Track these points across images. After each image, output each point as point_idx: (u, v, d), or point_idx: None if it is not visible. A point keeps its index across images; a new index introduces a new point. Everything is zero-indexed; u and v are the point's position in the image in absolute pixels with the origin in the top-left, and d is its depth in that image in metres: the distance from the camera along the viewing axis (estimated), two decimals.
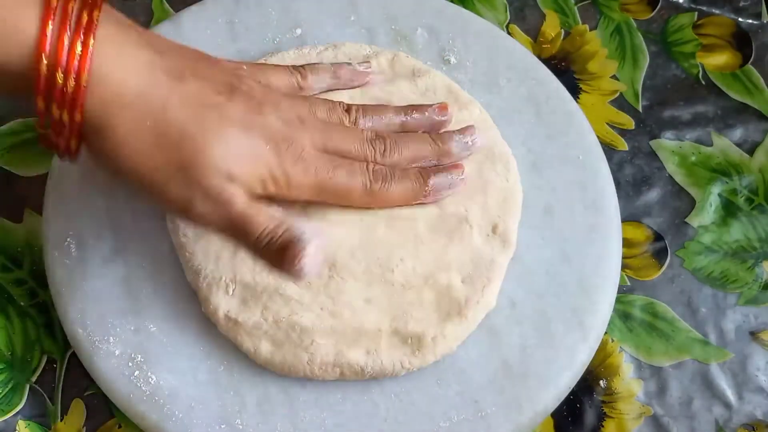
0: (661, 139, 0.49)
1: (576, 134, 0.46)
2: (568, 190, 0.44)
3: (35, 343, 0.43)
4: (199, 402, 0.39)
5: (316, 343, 0.39)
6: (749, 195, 0.47)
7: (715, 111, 0.50)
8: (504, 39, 0.49)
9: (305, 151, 0.37)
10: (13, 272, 0.44)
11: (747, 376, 0.43)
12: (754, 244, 0.46)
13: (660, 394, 0.42)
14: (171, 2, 0.52)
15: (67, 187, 0.44)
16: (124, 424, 0.41)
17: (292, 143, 0.37)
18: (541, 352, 0.40)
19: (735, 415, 0.42)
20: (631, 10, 0.53)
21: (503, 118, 0.45)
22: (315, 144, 0.38)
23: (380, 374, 0.39)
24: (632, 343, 0.43)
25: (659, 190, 0.47)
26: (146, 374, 0.39)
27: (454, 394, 0.39)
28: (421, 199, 0.41)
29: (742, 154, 0.48)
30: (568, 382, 0.40)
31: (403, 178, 0.40)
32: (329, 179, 0.38)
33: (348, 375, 0.39)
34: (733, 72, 0.51)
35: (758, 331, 0.44)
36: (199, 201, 0.35)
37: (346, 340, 0.39)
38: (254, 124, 0.36)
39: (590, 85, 0.50)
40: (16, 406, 0.41)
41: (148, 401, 0.39)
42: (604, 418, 0.42)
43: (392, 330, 0.39)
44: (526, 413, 0.39)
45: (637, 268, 0.45)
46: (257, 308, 0.39)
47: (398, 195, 0.40)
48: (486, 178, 0.43)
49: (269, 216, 0.36)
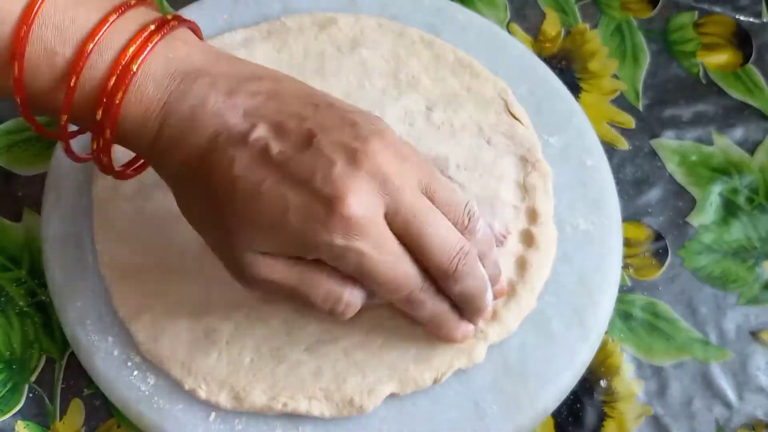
0: (662, 138, 0.49)
1: (576, 133, 0.46)
2: (569, 190, 0.44)
3: (34, 342, 0.43)
4: (199, 402, 0.39)
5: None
6: (750, 194, 0.47)
7: (715, 110, 0.50)
8: (504, 38, 0.49)
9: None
10: (11, 271, 0.44)
11: (747, 376, 0.43)
12: (755, 244, 0.46)
13: (660, 394, 0.42)
14: (170, 1, 0.52)
15: (66, 186, 0.43)
16: (124, 424, 0.41)
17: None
18: (541, 351, 0.40)
19: (735, 414, 0.42)
20: (631, 9, 0.53)
21: None
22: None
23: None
24: (633, 342, 0.43)
25: (660, 189, 0.47)
26: (145, 374, 0.39)
27: (453, 394, 0.39)
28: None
29: (742, 153, 0.48)
30: (568, 382, 0.40)
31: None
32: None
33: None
34: (734, 71, 0.51)
35: (759, 330, 0.44)
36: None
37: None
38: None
39: (591, 84, 0.50)
40: (14, 406, 0.41)
41: (148, 401, 0.39)
42: (604, 418, 0.42)
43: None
44: (526, 413, 0.39)
45: (638, 267, 0.45)
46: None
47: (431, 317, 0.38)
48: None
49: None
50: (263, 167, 0.33)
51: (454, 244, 0.35)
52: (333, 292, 0.34)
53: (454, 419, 0.38)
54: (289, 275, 0.34)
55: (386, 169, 0.33)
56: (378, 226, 0.33)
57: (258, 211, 0.33)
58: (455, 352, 0.39)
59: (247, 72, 0.35)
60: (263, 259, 0.33)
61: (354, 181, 0.32)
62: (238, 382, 0.38)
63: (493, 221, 0.42)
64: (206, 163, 0.33)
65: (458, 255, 0.35)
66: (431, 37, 0.47)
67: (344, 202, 0.32)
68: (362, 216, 0.32)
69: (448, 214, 0.35)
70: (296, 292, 0.34)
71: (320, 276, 0.34)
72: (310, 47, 0.47)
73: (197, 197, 0.34)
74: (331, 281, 0.34)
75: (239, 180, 0.33)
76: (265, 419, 0.38)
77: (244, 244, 0.33)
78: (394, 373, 0.38)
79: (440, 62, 0.47)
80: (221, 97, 0.33)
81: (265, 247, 0.33)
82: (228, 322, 0.39)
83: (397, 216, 0.33)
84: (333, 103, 0.35)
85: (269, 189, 0.32)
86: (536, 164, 0.44)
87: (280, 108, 0.34)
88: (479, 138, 0.45)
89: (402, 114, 0.45)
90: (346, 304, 0.35)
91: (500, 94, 0.46)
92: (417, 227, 0.34)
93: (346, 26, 0.48)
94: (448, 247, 0.34)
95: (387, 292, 0.35)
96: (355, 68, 0.46)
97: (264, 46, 0.47)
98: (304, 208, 0.32)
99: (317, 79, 0.46)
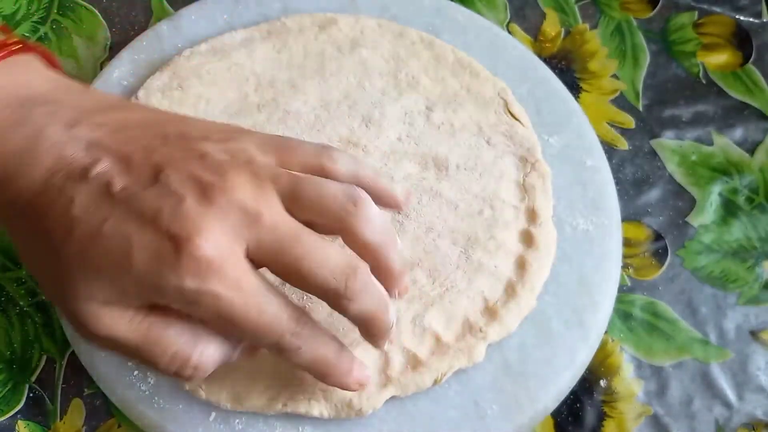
0: (662, 138, 0.49)
1: (576, 133, 0.46)
2: (569, 189, 0.44)
3: (34, 342, 0.43)
4: (199, 401, 0.39)
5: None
6: (750, 194, 0.47)
7: (715, 110, 0.50)
8: (504, 38, 0.49)
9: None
10: (12, 271, 0.44)
11: (747, 376, 0.43)
12: (755, 244, 0.46)
13: (660, 394, 0.42)
14: (170, 1, 0.52)
15: None
16: (124, 424, 0.41)
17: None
18: (540, 351, 0.40)
19: (735, 414, 0.42)
20: (631, 9, 0.53)
21: None
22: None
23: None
24: (632, 342, 0.43)
25: (659, 189, 0.47)
26: (146, 374, 0.39)
27: (453, 394, 0.39)
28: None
29: (742, 153, 0.48)
30: (568, 382, 0.40)
31: None
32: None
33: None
34: (733, 71, 0.51)
35: (759, 330, 0.44)
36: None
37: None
38: None
39: (591, 84, 0.50)
40: (15, 405, 0.41)
41: (148, 401, 0.39)
42: (604, 418, 0.42)
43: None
44: (526, 413, 0.39)
45: (637, 267, 0.45)
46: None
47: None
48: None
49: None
50: (105, 206, 0.29)
51: (336, 262, 0.30)
52: (179, 354, 0.31)
53: (454, 419, 0.38)
54: (132, 331, 0.30)
55: (242, 200, 0.30)
56: (236, 265, 0.29)
57: (98, 255, 0.29)
58: (455, 352, 0.39)
59: (95, 102, 0.32)
60: (106, 312, 0.30)
61: (205, 219, 0.29)
62: (239, 381, 0.38)
63: (394, 184, 0.40)
64: (41, 202, 0.30)
65: (343, 274, 0.30)
66: (431, 38, 0.47)
67: (194, 241, 0.28)
68: (217, 256, 0.29)
69: (323, 215, 0.31)
70: (138, 353, 0.31)
71: (168, 332, 0.30)
72: (310, 47, 0.47)
73: (32, 240, 0.31)
74: (181, 339, 0.31)
75: (78, 221, 0.29)
76: (265, 419, 0.38)
77: (84, 294, 0.29)
78: (392, 375, 0.38)
79: (440, 62, 0.47)
80: (61, 127, 0.30)
81: (108, 297, 0.29)
82: None
83: (260, 250, 0.30)
84: (186, 132, 0.32)
85: (111, 229, 0.29)
86: (536, 164, 0.44)
87: (127, 140, 0.31)
88: (479, 138, 0.45)
89: (402, 114, 0.45)
90: (194, 367, 0.31)
91: (500, 94, 0.46)
92: (286, 256, 0.30)
93: (346, 26, 0.48)
94: (329, 269, 0.30)
95: (252, 339, 0.31)
96: (355, 68, 0.46)
97: (264, 46, 0.47)
98: (149, 249, 0.29)
99: (317, 79, 0.46)
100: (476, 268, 0.41)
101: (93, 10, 0.52)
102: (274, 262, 0.30)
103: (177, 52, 0.47)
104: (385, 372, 0.38)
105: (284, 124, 0.45)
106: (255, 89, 0.46)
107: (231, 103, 0.46)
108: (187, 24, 0.48)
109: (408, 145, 0.44)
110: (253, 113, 0.45)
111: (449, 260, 0.41)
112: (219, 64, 0.46)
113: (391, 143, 0.44)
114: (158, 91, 0.45)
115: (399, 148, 0.44)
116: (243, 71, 0.46)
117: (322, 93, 0.46)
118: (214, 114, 0.45)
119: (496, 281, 0.41)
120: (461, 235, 0.42)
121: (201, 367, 0.31)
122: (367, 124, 0.45)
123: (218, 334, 0.31)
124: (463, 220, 0.42)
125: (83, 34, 0.51)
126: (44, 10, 0.52)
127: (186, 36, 0.48)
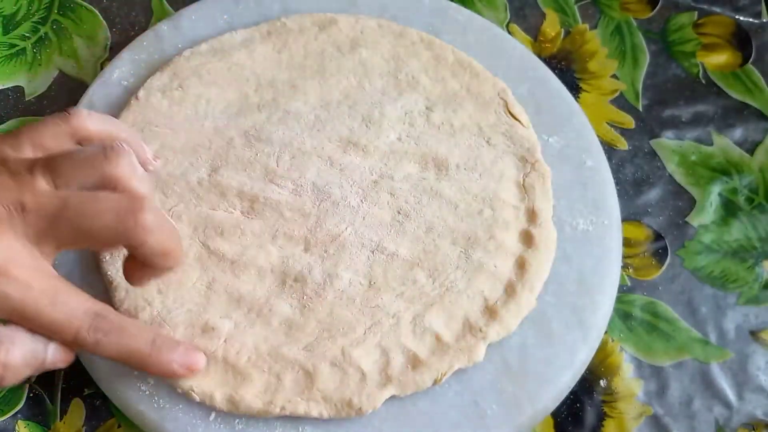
0: (662, 138, 0.49)
1: (576, 133, 0.46)
2: (568, 189, 0.44)
3: None
4: (198, 402, 0.39)
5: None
6: (749, 194, 0.47)
7: (715, 110, 0.50)
8: (504, 38, 0.49)
9: None
10: None
11: (747, 376, 0.43)
12: (755, 244, 0.46)
13: (660, 394, 0.42)
14: (170, 1, 0.52)
15: None
16: (124, 424, 0.41)
17: None
18: (541, 351, 0.40)
19: (735, 414, 0.42)
20: (631, 9, 0.53)
21: None
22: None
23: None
24: (632, 342, 0.43)
25: (659, 189, 0.47)
26: (145, 374, 0.39)
27: (453, 394, 0.39)
28: None
29: (742, 153, 0.48)
30: (568, 382, 0.40)
31: None
32: None
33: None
34: (733, 71, 0.51)
35: (758, 330, 0.44)
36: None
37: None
38: None
39: (590, 85, 0.50)
40: (15, 405, 0.41)
41: (148, 401, 0.39)
42: (604, 418, 0.42)
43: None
44: (526, 413, 0.39)
45: (637, 267, 0.45)
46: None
47: None
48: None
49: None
50: None
51: (112, 206, 0.32)
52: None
53: (453, 419, 0.38)
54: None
55: (5, 198, 0.31)
56: (23, 265, 0.31)
57: None
58: (455, 352, 0.39)
59: None
60: None
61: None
62: (234, 383, 0.38)
63: (140, 146, 0.41)
64: None
65: (128, 214, 0.32)
66: (431, 38, 0.47)
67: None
68: (1, 259, 0.30)
69: (86, 176, 0.32)
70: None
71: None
72: (310, 47, 0.47)
73: None
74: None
75: None
76: (265, 419, 0.38)
77: None
78: (392, 375, 0.38)
79: (440, 62, 0.47)
80: None
81: None
82: (227, 320, 0.39)
83: (46, 233, 0.32)
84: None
85: None
86: (536, 164, 0.44)
87: None
88: (479, 138, 0.45)
89: (402, 114, 0.45)
90: (2, 365, 0.31)
91: (500, 94, 0.46)
92: (65, 224, 0.31)
93: (346, 27, 0.48)
94: (111, 213, 0.31)
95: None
96: (355, 68, 0.47)
97: (264, 47, 0.47)
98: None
99: (317, 79, 0.46)
100: (476, 268, 0.41)
101: (93, 11, 0.52)
102: (65, 237, 0.32)
103: (177, 52, 0.47)
104: (385, 371, 0.38)
105: (284, 124, 0.45)
106: (255, 89, 0.46)
107: (231, 103, 0.46)
108: (187, 24, 0.49)
109: (408, 145, 0.44)
110: (253, 113, 0.45)
111: (449, 260, 0.41)
112: (219, 64, 0.47)
113: (391, 143, 0.44)
114: (158, 91, 0.46)
115: (399, 148, 0.44)
116: (243, 71, 0.46)
117: (322, 93, 0.46)
118: (214, 114, 0.45)
119: (496, 281, 0.41)
120: (461, 235, 0.42)
121: (9, 365, 0.31)
122: (367, 124, 0.45)
123: (25, 334, 0.32)
124: (463, 220, 0.42)
125: (83, 34, 0.51)
126: (45, 10, 0.52)
127: (186, 36, 0.48)
